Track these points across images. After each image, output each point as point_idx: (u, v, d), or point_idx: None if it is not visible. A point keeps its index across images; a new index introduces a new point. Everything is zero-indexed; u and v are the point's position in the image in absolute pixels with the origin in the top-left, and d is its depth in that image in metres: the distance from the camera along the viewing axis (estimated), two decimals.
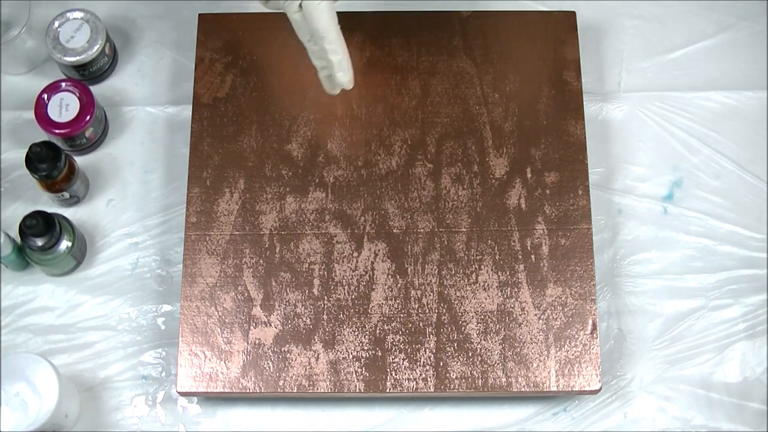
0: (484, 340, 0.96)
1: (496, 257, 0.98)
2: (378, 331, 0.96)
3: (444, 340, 0.96)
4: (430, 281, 0.98)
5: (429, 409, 1.01)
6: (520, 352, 0.96)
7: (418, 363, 0.96)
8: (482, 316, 0.97)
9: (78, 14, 1.06)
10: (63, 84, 1.04)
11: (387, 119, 1.02)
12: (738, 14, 1.12)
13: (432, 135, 1.02)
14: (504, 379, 0.95)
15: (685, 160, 1.08)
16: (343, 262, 0.98)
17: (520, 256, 0.98)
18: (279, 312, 0.97)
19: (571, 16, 1.06)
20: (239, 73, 1.04)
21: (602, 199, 1.06)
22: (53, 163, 0.98)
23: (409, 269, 0.98)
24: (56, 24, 1.06)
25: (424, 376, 0.95)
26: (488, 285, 0.98)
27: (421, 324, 0.97)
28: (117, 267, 1.04)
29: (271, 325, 0.97)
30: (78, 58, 1.05)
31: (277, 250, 0.99)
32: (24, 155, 0.98)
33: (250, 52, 1.04)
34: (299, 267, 0.98)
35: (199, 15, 1.06)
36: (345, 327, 0.97)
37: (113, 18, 1.11)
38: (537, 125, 1.02)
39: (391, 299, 0.97)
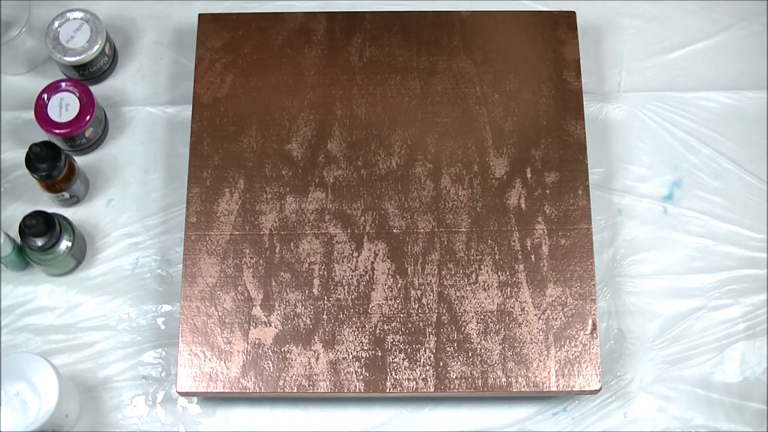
0: (484, 340, 0.96)
1: (496, 257, 0.98)
2: (378, 331, 0.96)
3: (444, 340, 0.96)
4: (430, 281, 0.98)
5: (429, 409, 1.01)
6: (520, 352, 0.96)
7: (418, 363, 0.96)
8: (482, 316, 0.97)
9: (78, 14, 1.06)
10: (63, 84, 1.04)
11: (387, 119, 1.02)
12: (737, 14, 1.12)
13: (432, 135, 1.02)
14: (504, 379, 0.95)
15: (685, 160, 1.08)
16: (343, 262, 0.98)
17: (520, 256, 0.98)
18: (279, 312, 0.97)
19: (571, 16, 1.06)
20: (239, 73, 1.04)
21: (602, 199, 1.06)
22: (53, 163, 0.98)
23: (409, 269, 0.98)
24: (56, 24, 1.06)
25: (424, 376, 0.95)
26: (488, 285, 0.98)
27: (421, 324, 0.97)
28: (117, 267, 1.04)
29: (271, 325, 0.97)
30: (78, 58, 1.05)
31: (277, 250, 0.99)
32: (24, 155, 0.98)
33: (250, 52, 1.04)
34: (299, 267, 0.98)
35: (199, 15, 1.06)
36: (345, 327, 0.96)
37: (113, 18, 1.11)
38: (537, 125, 1.02)
39: (391, 299, 0.97)
